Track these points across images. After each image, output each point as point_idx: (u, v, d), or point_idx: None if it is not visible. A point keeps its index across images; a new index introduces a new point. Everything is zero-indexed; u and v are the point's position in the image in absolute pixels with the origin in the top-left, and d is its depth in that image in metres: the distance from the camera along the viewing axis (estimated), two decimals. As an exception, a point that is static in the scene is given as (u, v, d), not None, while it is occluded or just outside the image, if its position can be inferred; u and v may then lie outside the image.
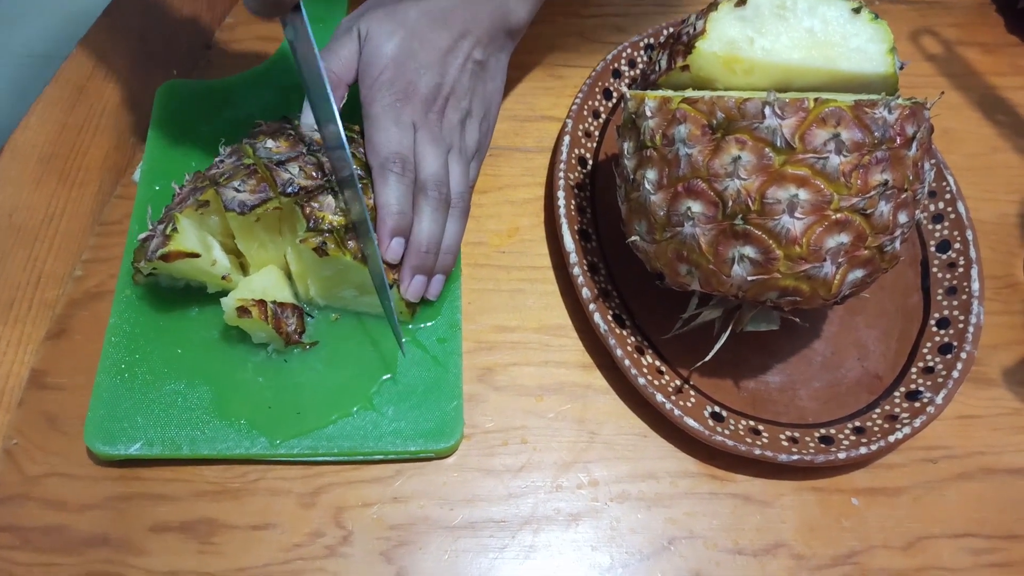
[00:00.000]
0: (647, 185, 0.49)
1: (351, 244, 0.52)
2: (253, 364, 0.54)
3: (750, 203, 0.45)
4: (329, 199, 0.52)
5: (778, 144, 0.44)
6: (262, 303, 0.52)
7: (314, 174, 0.52)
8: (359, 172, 0.53)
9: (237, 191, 0.51)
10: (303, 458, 0.52)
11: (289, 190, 0.51)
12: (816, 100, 0.44)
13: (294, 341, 0.53)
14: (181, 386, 0.53)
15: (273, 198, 0.51)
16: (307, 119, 0.56)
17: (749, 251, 0.46)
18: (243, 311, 0.51)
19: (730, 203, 0.45)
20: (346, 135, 0.55)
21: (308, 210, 0.51)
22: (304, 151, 0.54)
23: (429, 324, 0.57)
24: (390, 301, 0.52)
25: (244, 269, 0.56)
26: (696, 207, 0.46)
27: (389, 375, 0.54)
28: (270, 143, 0.54)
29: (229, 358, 0.54)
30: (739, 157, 0.45)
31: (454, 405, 0.54)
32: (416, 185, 0.54)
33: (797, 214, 0.44)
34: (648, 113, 0.48)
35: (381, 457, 0.52)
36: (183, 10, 0.71)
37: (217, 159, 0.55)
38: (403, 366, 0.55)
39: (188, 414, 0.52)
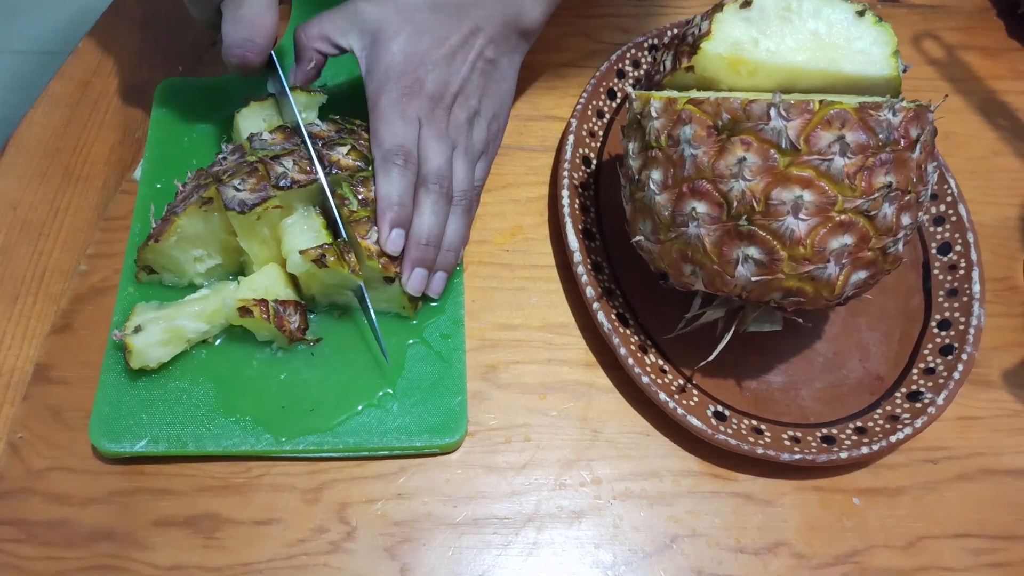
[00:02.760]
0: (652, 185, 0.49)
1: (351, 257, 0.52)
2: (258, 361, 0.54)
3: (755, 204, 0.45)
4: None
5: (783, 146, 0.44)
6: (264, 302, 0.52)
7: (309, 168, 0.53)
8: (359, 164, 0.54)
9: (237, 190, 0.51)
10: (308, 454, 0.52)
11: (282, 183, 0.51)
12: (821, 102, 0.45)
13: (298, 338, 0.54)
14: (186, 383, 0.53)
15: (273, 196, 0.51)
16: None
17: (753, 252, 0.46)
18: (245, 311, 0.51)
19: (735, 204, 0.46)
20: (348, 127, 0.56)
21: None
22: (299, 144, 0.54)
23: (433, 320, 0.57)
24: (371, 311, 0.53)
25: (246, 268, 0.56)
26: (701, 207, 0.47)
27: (394, 373, 0.54)
28: (266, 135, 0.54)
29: (233, 355, 0.54)
30: (744, 158, 0.45)
31: (458, 400, 0.54)
32: (418, 179, 0.54)
33: (801, 215, 0.45)
34: (654, 114, 0.48)
35: (386, 453, 0.52)
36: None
37: (220, 155, 0.55)
38: (408, 362, 0.55)
39: (193, 411, 0.52)
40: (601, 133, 0.66)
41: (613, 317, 0.56)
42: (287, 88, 0.55)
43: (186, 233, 0.53)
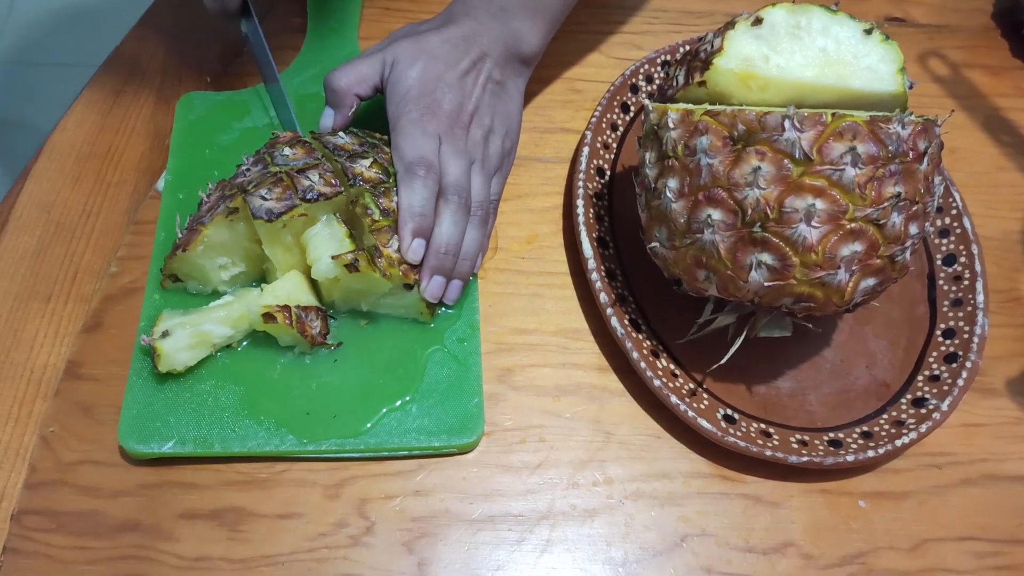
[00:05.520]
0: (668, 193, 0.51)
1: (381, 262, 0.54)
2: (281, 365, 0.56)
3: (768, 212, 0.47)
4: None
5: (796, 156, 0.46)
6: (286, 308, 0.53)
7: (334, 181, 0.54)
8: (381, 177, 0.56)
9: (264, 199, 0.53)
10: (331, 455, 0.53)
11: (309, 196, 0.53)
12: (833, 114, 0.46)
13: (319, 343, 0.55)
14: (211, 386, 0.54)
15: (299, 205, 0.53)
16: (325, 122, 0.60)
17: (766, 258, 0.48)
18: (269, 317, 0.52)
19: (749, 211, 0.47)
20: (370, 141, 0.58)
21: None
22: (321, 157, 0.56)
23: (450, 326, 0.58)
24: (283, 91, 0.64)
25: (268, 275, 0.58)
26: (716, 215, 0.48)
27: (415, 377, 0.56)
28: (287, 151, 0.56)
29: (257, 359, 0.56)
30: (759, 168, 0.47)
31: (475, 402, 0.55)
32: (439, 191, 0.56)
33: (814, 223, 0.46)
34: (671, 124, 0.50)
35: (405, 453, 0.54)
36: (215, 18, 0.74)
37: (242, 167, 0.57)
38: (428, 366, 0.56)
39: (219, 413, 0.53)
40: (615, 145, 0.68)
41: (626, 322, 0.57)
42: (260, 31, 0.65)
43: (212, 242, 0.54)
